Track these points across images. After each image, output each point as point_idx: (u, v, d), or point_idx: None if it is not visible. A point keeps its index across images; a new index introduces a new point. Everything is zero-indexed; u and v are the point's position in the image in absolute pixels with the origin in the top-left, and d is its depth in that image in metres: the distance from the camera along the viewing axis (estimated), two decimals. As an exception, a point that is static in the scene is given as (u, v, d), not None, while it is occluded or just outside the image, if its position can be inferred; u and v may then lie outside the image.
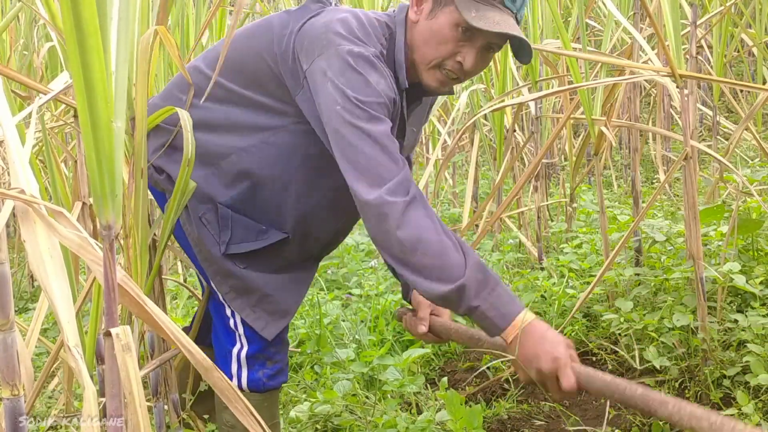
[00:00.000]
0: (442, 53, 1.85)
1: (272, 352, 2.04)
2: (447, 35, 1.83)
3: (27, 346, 1.64)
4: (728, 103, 6.30)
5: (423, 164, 5.73)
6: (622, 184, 5.38)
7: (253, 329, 2.00)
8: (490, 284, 1.69)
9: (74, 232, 1.27)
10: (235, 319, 2.02)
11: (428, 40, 1.85)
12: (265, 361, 2.03)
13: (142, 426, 1.26)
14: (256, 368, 2.03)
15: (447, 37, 1.83)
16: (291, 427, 2.55)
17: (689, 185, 2.38)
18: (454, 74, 1.88)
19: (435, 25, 1.83)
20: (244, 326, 2.01)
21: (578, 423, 2.62)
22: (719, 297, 2.52)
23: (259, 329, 2.00)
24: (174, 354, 2.01)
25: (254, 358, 2.02)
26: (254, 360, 2.02)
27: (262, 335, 2.01)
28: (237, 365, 2.03)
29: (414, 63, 1.90)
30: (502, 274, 3.48)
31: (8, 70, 1.88)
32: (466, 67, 1.85)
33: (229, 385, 1.38)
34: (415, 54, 1.89)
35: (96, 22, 1.12)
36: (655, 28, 2.45)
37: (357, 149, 1.72)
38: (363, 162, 1.71)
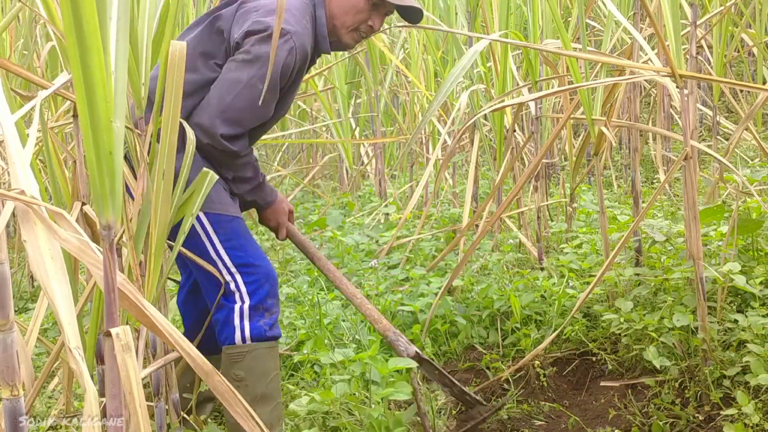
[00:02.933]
0: (358, 20, 2.48)
1: (270, 304, 2.40)
2: (362, 7, 2.46)
3: (26, 345, 1.64)
4: (728, 103, 6.30)
5: (423, 164, 5.74)
6: (622, 184, 5.38)
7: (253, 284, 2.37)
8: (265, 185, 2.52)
9: (74, 235, 1.27)
10: (236, 281, 2.37)
11: (347, 11, 2.46)
12: (264, 312, 2.38)
13: (142, 426, 1.26)
14: (257, 318, 2.37)
15: (361, 8, 2.46)
16: (289, 419, 2.55)
17: (689, 185, 2.38)
18: (366, 34, 2.54)
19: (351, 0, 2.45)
20: (245, 284, 2.37)
21: (578, 423, 2.63)
22: (719, 297, 2.52)
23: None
24: (177, 356, 2.01)
25: (255, 309, 2.36)
26: (255, 311, 2.36)
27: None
28: (240, 318, 2.36)
29: (334, 27, 2.49)
30: (502, 274, 3.48)
31: (10, 63, 1.88)
32: (375, 29, 2.51)
33: (229, 389, 1.37)
34: (335, 21, 2.47)
35: (96, 21, 1.12)
36: (655, 28, 2.44)
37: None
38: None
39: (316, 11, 2.46)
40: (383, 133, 5.66)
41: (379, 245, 4.15)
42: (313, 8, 2.46)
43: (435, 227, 4.30)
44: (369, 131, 6.17)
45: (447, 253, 3.48)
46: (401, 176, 6.11)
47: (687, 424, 2.37)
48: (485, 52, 3.82)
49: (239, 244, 2.39)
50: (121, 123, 1.23)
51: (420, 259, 3.88)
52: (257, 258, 2.41)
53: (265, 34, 2.30)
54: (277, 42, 2.15)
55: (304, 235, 2.86)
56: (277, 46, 2.28)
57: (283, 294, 3.66)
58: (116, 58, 1.27)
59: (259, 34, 2.31)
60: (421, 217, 3.96)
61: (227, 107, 2.30)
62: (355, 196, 5.57)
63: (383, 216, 4.88)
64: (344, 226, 4.56)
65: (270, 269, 2.43)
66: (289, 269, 4.16)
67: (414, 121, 5.56)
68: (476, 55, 3.02)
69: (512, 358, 3.03)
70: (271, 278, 2.42)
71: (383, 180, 5.31)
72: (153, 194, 1.73)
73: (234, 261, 2.37)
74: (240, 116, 2.33)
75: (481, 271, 3.57)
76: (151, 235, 1.75)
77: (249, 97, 2.31)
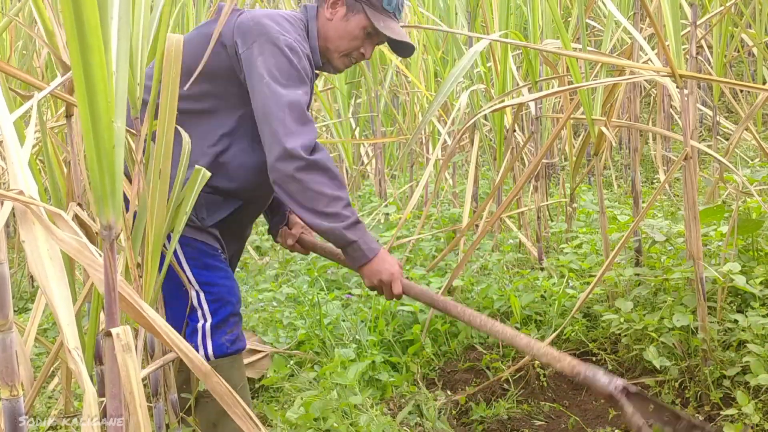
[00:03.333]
0: (352, 46, 2.52)
1: (232, 322, 2.43)
2: (357, 35, 2.50)
3: (24, 344, 1.64)
4: (728, 103, 6.30)
5: (423, 164, 5.74)
6: (622, 184, 5.38)
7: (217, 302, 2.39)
8: (362, 228, 2.35)
9: (72, 236, 1.27)
10: (200, 297, 2.39)
11: (342, 36, 2.50)
12: (226, 329, 2.41)
13: (142, 426, 1.26)
14: (219, 336, 2.39)
15: (356, 36, 2.50)
16: (286, 427, 2.55)
17: (689, 185, 2.38)
18: (356, 60, 2.58)
19: (348, 26, 2.49)
20: (207, 302, 2.39)
21: (578, 423, 2.62)
22: (719, 297, 2.52)
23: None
24: (175, 357, 2.00)
25: (217, 327, 2.39)
26: (217, 329, 2.39)
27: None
28: (202, 337, 2.38)
29: (326, 49, 2.52)
30: (502, 274, 3.48)
31: (8, 66, 1.88)
32: (366, 57, 2.56)
33: (228, 390, 1.37)
34: (328, 43, 2.51)
35: (97, 21, 1.12)
36: (655, 28, 2.44)
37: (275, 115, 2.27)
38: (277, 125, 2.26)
39: (308, 24, 2.51)
40: (383, 133, 5.66)
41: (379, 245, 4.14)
42: (306, 22, 2.51)
43: (435, 227, 4.30)
44: (369, 131, 6.17)
45: (447, 253, 3.48)
46: (401, 176, 6.11)
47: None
48: (485, 52, 3.82)
49: (204, 264, 2.40)
50: (121, 123, 1.23)
51: (420, 259, 3.87)
52: (222, 278, 2.43)
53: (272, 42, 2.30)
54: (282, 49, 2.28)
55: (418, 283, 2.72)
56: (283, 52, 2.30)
57: (282, 294, 3.66)
58: (117, 58, 1.27)
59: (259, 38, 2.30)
60: (421, 217, 3.96)
61: (282, 122, 2.25)
62: (355, 196, 5.57)
63: (383, 216, 4.88)
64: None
65: (234, 288, 2.45)
66: (289, 269, 4.16)
67: (414, 121, 5.56)
68: (476, 55, 3.02)
69: (512, 358, 3.03)
70: (235, 296, 2.45)
71: (383, 180, 5.31)
72: (149, 195, 1.73)
73: (198, 279, 2.38)
74: (298, 120, 2.27)
75: (481, 271, 3.56)
76: (148, 236, 1.75)
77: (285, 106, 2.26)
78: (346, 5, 2.49)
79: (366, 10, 2.47)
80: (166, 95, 1.73)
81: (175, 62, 1.73)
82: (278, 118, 2.24)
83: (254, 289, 3.94)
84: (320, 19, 2.51)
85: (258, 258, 4.70)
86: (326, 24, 2.51)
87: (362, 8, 2.48)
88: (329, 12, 2.50)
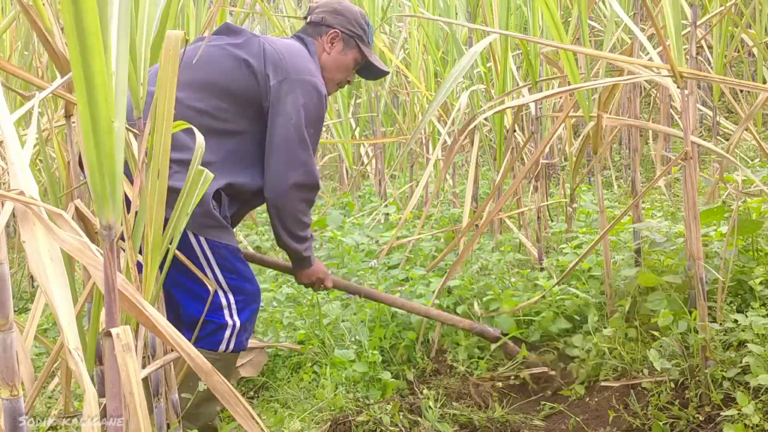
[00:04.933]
0: (345, 77, 2.96)
1: (253, 322, 2.75)
2: (350, 66, 2.94)
3: (24, 342, 1.64)
4: (728, 103, 6.29)
5: (423, 164, 5.74)
6: (622, 184, 5.38)
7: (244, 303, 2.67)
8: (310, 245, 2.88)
9: (73, 236, 1.27)
10: (228, 299, 2.64)
11: (339, 68, 2.92)
12: (249, 328, 2.71)
13: (142, 426, 1.26)
14: (242, 334, 2.67)
15: (350, 67, 2.94)
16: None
17: (689, 185, 2.38)
18: (342, 86, 3.02)
19: (345, 59, 2.91)
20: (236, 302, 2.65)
21: (578, 424, 2.62)
22: (719, 297, 2.52)
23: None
24: (176, 356, 2.00)
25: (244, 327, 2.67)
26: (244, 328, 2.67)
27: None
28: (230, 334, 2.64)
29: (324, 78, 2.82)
30: (502, 274, 3.48)
31: (9, 64, 1.88)
32: (350, 83, 3.03)
33: (230, 389, 1.37)
34: (326, 73, 2.88)
35: (97, 21, 1.12)
36: (656, 28, 2.44)
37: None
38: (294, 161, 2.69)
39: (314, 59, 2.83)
40: (383, 133, 5.66)
41: (379, 245, 4.15)
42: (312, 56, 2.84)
43: (435, 227, 4.30)
44: (369, 131, 6.17)
45: (447, 254, 3.48)
46: (401, 176, 6.11)
47: (687, 425, 2.36)
48: (485, 53, 3.82)
49: (233, 267, 2.66)
50: (121, 123, 1.23)
51: (420, 259, 3.88)
52: (248, 280, 2.70)
53: (304, 84, 2.67)
54: (313, 93, 2.68)
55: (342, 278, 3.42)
56: (313, 96, 2.68)
57: (282, 294, 3.66)
58: (117, 58, 1.27)
59: (298, 84, 2.66)
60: (421, 218, 3.96)
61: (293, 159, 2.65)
62: (355, 196, 5.57)
63: (383, 216, 4.88)
64: (344, 227, 4.56)
65: (258, 290, 2.75)
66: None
67: (414, 121, 5.56)
68: (476, 55, 3.02)
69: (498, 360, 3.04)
70: (258, 298, 2.75)
71: (383, 180, 5.31)
72: (148, 194, 1.73)
73: (228, 282, 2.65)
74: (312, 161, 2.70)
75: (481, 271, 3.56)
76: (147, 235, 1.75)
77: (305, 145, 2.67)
78: (343, 41, 2.88)
79: (359, 45, 2.90)
80: (164, 94, 1.73)
81: (173, 63, 1.73)
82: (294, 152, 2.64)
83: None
84: (320, 53, 2.88)
85: (258, 258, 4.70)
86: (324, 57, 2.88)
87: (356, 44, 2.90)
88: (328, 46, 2.88)
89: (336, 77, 2.92)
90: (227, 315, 2.64)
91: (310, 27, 2.91)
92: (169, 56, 1.72)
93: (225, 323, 2.64)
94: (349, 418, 2.57)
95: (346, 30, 2.88)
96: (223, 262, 2.63)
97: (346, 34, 2.88)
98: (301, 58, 2.72)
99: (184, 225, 1.90)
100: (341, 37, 2.87)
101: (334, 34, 2.87)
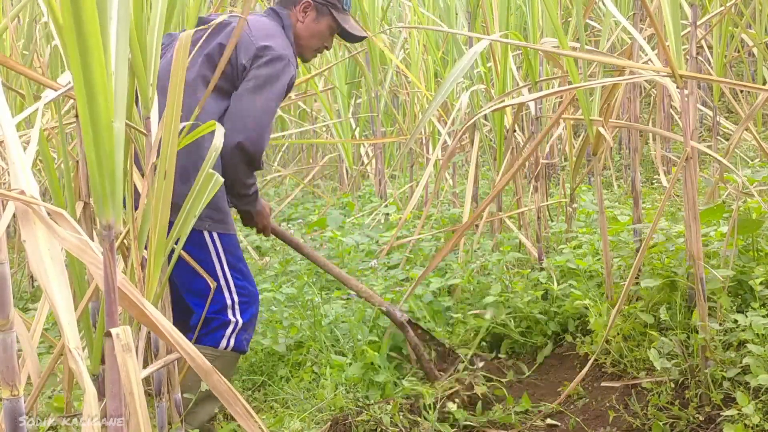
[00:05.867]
0: (321, 44, 3.04)
1: (254, 323, 2.83)
2: (325, 34, 3.01)
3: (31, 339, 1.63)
4: (728, 103, 6.29)
5: (423, 164, 5.73)
6: (622, 184, 5.38)
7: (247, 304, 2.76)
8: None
9: (74, 235, 1.27)
10: (233, 299, 2.74)
11: (314, 36, 3.00)
12: (250, 329, 2.79)
13: (142, 426, 1.26)
14: (242, 333, 2.75)
15: (324, 34, 3.01)
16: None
17: (689, 185, 2.38)
18: (321, 52, 3.11)
19: (319, 27, 2.99)
20: (240, 303, 2.75)
21: (578, 424, 2.63)
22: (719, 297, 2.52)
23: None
24: (178, 356, 2.00)
25: (245, 327, 2.75)
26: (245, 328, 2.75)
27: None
28: (232, 331, 2.72)
29: (300, 47, 2.99)
30: (501, 274, 3.48)
31: (14, 62, 1.88)
32: (328, 48, 3.12)
33: (229, 388, 1.37)
34: (301, 42, 2.98)
35: (96, 22, 1.12)
36: (655, 29, 2.44)
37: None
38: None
39: (287, 32, 2.93)
40: (383, 133, 5.66)
41: (379, 245, 4.15)
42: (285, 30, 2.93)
43: (435, 227, 4.30)
44: (369, 131, 6.17)
45: (446, 254, 3.48)
46: (401, 176, 6.11)
47: (687, 425, 2.37)
48: (485, 53, 3.82)
49: (240, 269, 2.79)
50: (121, 123, 1.23)
51: (420, 259, 3.88)
52: (251, 283, 2.83)
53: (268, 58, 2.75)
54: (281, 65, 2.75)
55: (287, 230, 3.47)
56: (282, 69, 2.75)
57: (282, 294, 3.66)
58: (116, 58, 1.27)
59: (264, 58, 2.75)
60: (421, 218, 3.96)
61: (255, 125, 2.70)
62: (355, 197, 5.57)
63: (383, 216, 4.88)
64: (344, 227, 4.56)
65: (257, 293, 2.86)
66: (289, 269, 4.16)
67: (414, 121, 5.56)
68: (476, 55, 3.02)
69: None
70: (258, 301, 2.85)
71: (383, 180, 5.31)
72: (153, 195, 1.73)
73: (235, 282, 2.75)
74: (263, 131, 2.73)
75: (481, 271, 3.57)
76: (151, 235, 1.75)
77: (268, 113, 2.74)
78: (316, 10, 2.97)
79: (332, 12, 2.97)
80: (172, 94, 1.74)
81: (181, 63, 1.73)
82: (253, 115, 2.71)
83: (254, 289, 3.93)
84: (294, 23, 2.97)
85: (258, 258, 4.70)
86: (298, 27, 2.98)
87: (329, 11, 2.97)
88: (301, 16, 2.97)
89: (312, 44, 3.02)
90: (230, 314, 2.73)
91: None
92: (180, 57, 1.73)
93: (228, 320, 2.72)
94: (349, 419, 2.57)
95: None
96: (233, 262, 2.75)
97: (319, 3, 2.96)
98: (269, 35, 2.81)
99: (191, 226, 1.90)
100: (313, 6, 2.97)
101: (306, 4, 2.97)
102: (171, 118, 1.74)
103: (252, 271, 2.99)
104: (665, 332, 2.60)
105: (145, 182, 1.78)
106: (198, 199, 1.87)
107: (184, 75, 1.75)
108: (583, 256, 3.28)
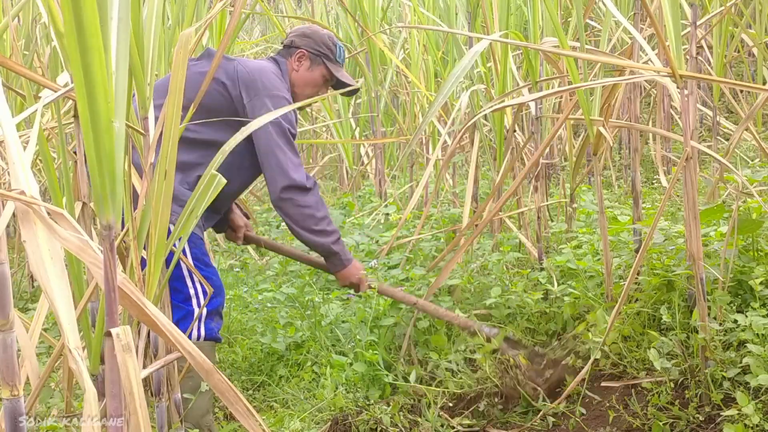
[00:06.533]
0: (315, 92, 3.27)
1: (221, 312, 2.96)
2: (319, 82, 3.26)
3: (30, 339, 1.64)
4: (728, 103, 6.29)
5: (423, 164, 5.73)
6: (622, 184, 5.38)
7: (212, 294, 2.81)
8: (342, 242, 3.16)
9: (74, 235, 1.27)
10: (196, 288, 2.85)
11: (308, 84, 3.24)
12: (216, 317, 2.90)
13: (142, 426, 1.26)
14: (209, 321, 2.86)
15: (318, 83, 3.26)
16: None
17: (689, 185, 2.38)
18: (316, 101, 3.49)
19: (312, 76, 3.24)
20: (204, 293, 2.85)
21: (578, 424, 2.63)
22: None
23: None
24: (178, 356, 2.00)
25: (210, 315, 2.86)
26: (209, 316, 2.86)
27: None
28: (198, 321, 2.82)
29: (295, 94, 3.19)
30: (502, 274, 3.48)
31: (13, 63, 1.88)
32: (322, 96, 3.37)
33: (230, 387, 1.37)
34: (296, 89, 3.22)
35: (97, 21, 1.12)
36: (655, 29, 2.44)
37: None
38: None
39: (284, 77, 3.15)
40: (383, 134, 5.66)
41: (379, 245, 4.15)
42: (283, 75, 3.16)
43: (435, 227, 4.30)
44: (369, 131, 6.17)
45: (447, 254, 3.48)
46: (401, 176, 6.11)
47: (687, 425, 2.37)
48: (485, 53, 3.82)
49: (204, 262, 2.92)
50: (121, 123, 1.23)
51: (420, 259, 3.87)
52: (215, 275, 2.96)
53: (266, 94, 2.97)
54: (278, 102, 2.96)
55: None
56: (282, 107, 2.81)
57: (282, 294, 3.66)
58: (117, 58, 1.27)
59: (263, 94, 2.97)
60: (421, 218, 3.96)
61: (278, 166, 2.94)
62: (355, 197, 5.57)
63: (383, 216, 4.88)
64: (344, 227, 4.56)
65: (222, 286, 2.98)
66: (289, 269, 4.16)
67: (414, 122, 5.56)
68: (476, 55, 3.02)
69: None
70: (222, 293, 2.98)
71: (383, 180, 5.31)
72: (153, 195, 1.73)
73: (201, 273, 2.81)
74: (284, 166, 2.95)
75: (481, 271, 3.57)
76: (152, 234, 1.75)
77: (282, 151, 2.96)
78: (309, 59, 3.21)
79: (325, 62, 3.21)
80: (173, 94, 1.74)
81: (182, 63, 1.73)
82: (281, 154, 2.95)
83: (254, 290, 3.94)
84: (290, 71, 3.20)
85: (258, 258, 4.70)
86: (293, 75, 3.21)
87: (322, 61, 3.21)
88: (296, 65, 3.21)
89: (305, 92, 3.24)
90: (194, 303, 2.85)
91: (284, 49, 3.27)
92: (180, 56, 1.73)
93: (191, 310, 2.83)
94: (349, 419, 2.57)
95: (311, 49, 3.21)
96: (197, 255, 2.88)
97: (312, 53, 3.21)
98: (270, 76, 3.04)
99: (192, 226, 1.90)
100: (308, 56, 3.21)
101: (300, 54, 3.21)
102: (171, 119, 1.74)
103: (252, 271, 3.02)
104: (665, 332, 2.60)
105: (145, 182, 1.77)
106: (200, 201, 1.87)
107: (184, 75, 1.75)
108: (583, 256, 3.28)
